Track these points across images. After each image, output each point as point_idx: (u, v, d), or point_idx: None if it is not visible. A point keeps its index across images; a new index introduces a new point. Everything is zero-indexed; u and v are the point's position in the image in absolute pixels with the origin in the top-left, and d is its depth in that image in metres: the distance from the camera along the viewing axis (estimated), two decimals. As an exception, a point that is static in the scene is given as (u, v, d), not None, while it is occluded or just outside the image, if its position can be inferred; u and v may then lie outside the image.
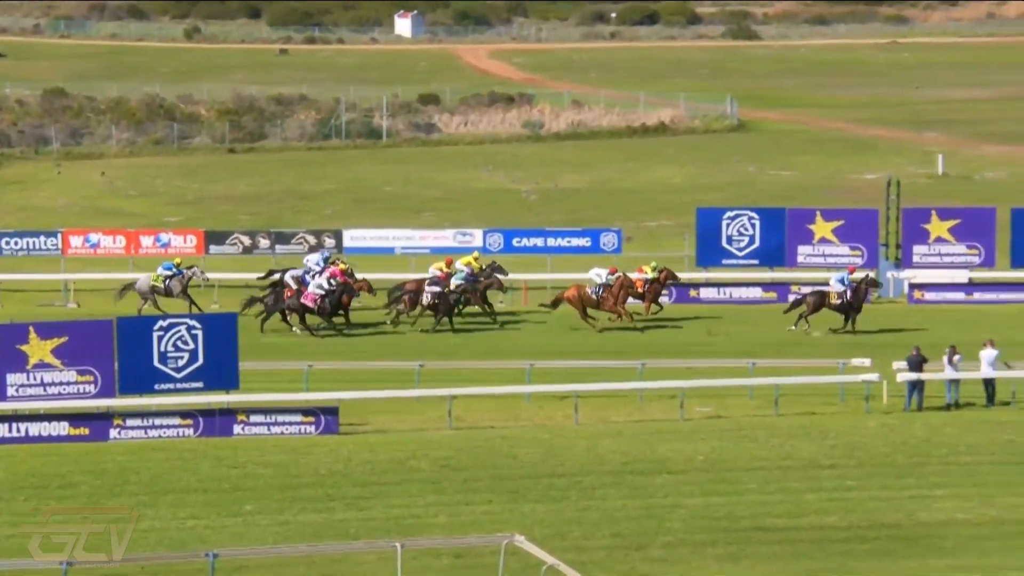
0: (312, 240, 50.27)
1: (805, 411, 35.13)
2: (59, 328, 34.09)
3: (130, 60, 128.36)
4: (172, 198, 68.25)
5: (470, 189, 70.41)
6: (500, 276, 44.84)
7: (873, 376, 35.55)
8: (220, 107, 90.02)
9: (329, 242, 50.09)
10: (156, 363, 33.53)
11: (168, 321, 34.04)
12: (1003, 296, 45.69)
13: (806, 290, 43.98)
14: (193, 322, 33.99)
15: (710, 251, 47.35)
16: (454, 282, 43.38)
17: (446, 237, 50.78)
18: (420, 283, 43.72)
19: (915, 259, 47.03)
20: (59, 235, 50.93)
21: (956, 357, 35.39)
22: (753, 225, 47.59)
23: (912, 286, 46.75)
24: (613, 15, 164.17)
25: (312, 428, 33.64)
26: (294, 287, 43.20)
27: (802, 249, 47.30)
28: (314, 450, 32.08)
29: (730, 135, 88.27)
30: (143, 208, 65.12)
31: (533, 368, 36.87)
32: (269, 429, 33.59)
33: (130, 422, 33.30)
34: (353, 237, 50.47)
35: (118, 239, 50.77)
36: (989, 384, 35.60)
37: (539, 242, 49.97)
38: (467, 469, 30.62)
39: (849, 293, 43.00)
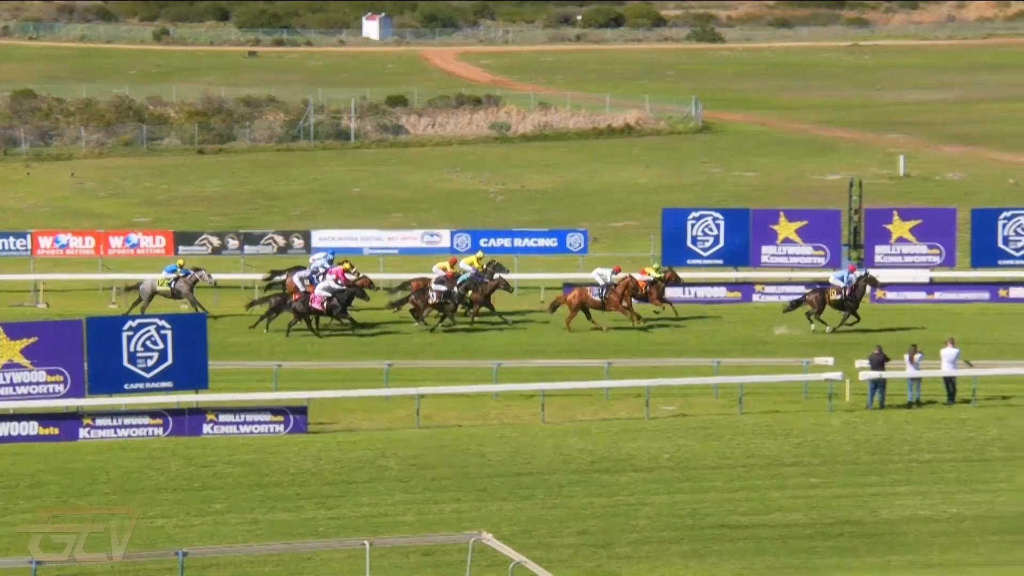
0: (281, 241, 50.41)
1: (769, 409, 35.33)
2: (28, 328, 34.14)
3: (99, 62, 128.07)
4: (141, 199, 68.25)
5: (438, 190, 70.59)
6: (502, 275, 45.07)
7: (836, 375, 35.77)
8: (189, 109, 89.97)
9: (298, 243, 50.28)
10: (126, 363, 33.60)
11: (137, 321, 34.13)
12: (963, 295, 46.04)
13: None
14: (162, 322, 34.03)
15: (675, 251, 47.60)
16: (460, 280, 43.68)
17: (414, 238, 50.96)
18: (425, 281, 44.01)
19: (877, 259, 47.31)
20: (28, 236, 50.95)
21: (917, 356, 35.66)
22: (718, 225, 47.90)
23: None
24: (579, 18, 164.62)
25: (281, 427, 33.77)
26: (302, 289, 43.33)
27: (766, 249, 47.59)
28: (283, 449, 32.19)
29: (695, 136, 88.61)
30: (112, 209, 65.13)
31: (500, 367, 37.02)
32: (238, 428, 33.68)
33: (100, 422, 33.37)
34: (322, 238, 50.59)
35: (87, 240, 50.81)
36: (950, 382, 35.89)
37: (506, 242, 50.16)
38: (435, 468, 30.79)
39: (848, 291, 43.29)
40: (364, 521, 27.49)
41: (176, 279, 44.99)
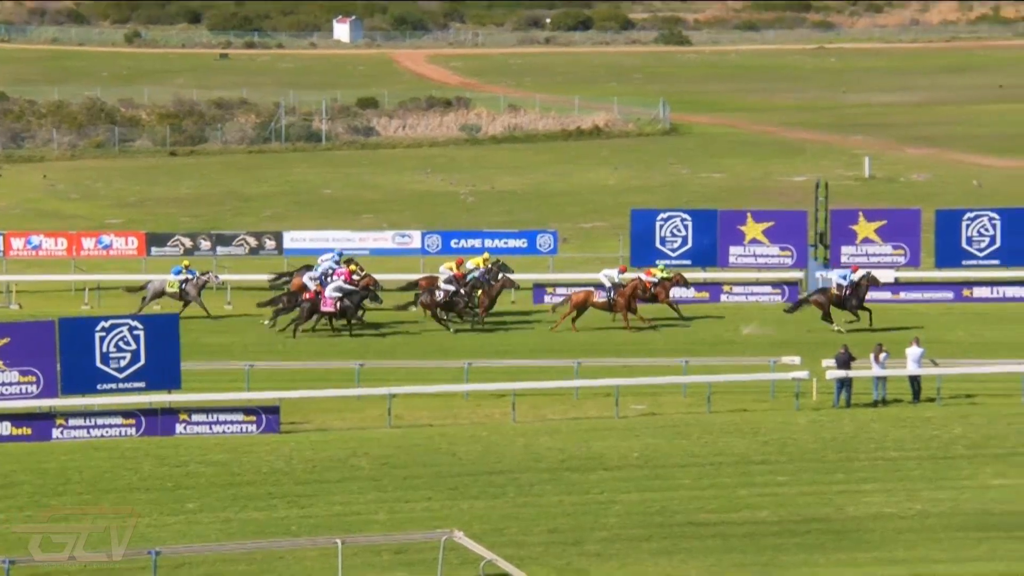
0: (253, 242, 50.56)
1: (737, 408, 35.55)
2: (1, 329, 34.20)
3: (71, 64, 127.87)
4: (113, 200, 68.29)
5: (409, 191, 70.77)
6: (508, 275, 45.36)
7: (803, 374, 35.98)
8: (161, 111, 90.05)
9: (270, 244, 50.46)
10: (98, 363, 33.72)
11: (110, 322, 34.20)
12: (928, 295, 46.40)
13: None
14: (135, 323, 34.18)
15: (644, 252, 47.90)
16: (468, 279, 43.93)
17: (385, 239, 51.15)
18: (433, 280, 44.20)
19: (843, 259, 47.56)
20: (1, 237, 50.96)
21: (883, 355, 35.90)
22: (686, 226, 48.22)
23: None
24: (548, 21, 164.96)
25: (254, 427, 33.92)
26: (312, 288, 43.49)
27: (733, 250, 47.91)
28: (256, 449, 32.31)
29: (663, 138, 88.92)
30: (85, 210, 65.16)
31: (471, 367, 37.19)
32: (211, 428, 33.80)
33: (72, 422, 33.47)
34: (293, 239, 50.76)
35: (60, 241, 50.89)
36: (915, 381, 36.12)
37: (476, 243, 50.36)
38: (407, 467, 30.92)
39: (849, 290, 43.57)
40: (336, 520, 27.61)
41: (185, 281, 45.15)
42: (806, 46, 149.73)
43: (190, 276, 45.27)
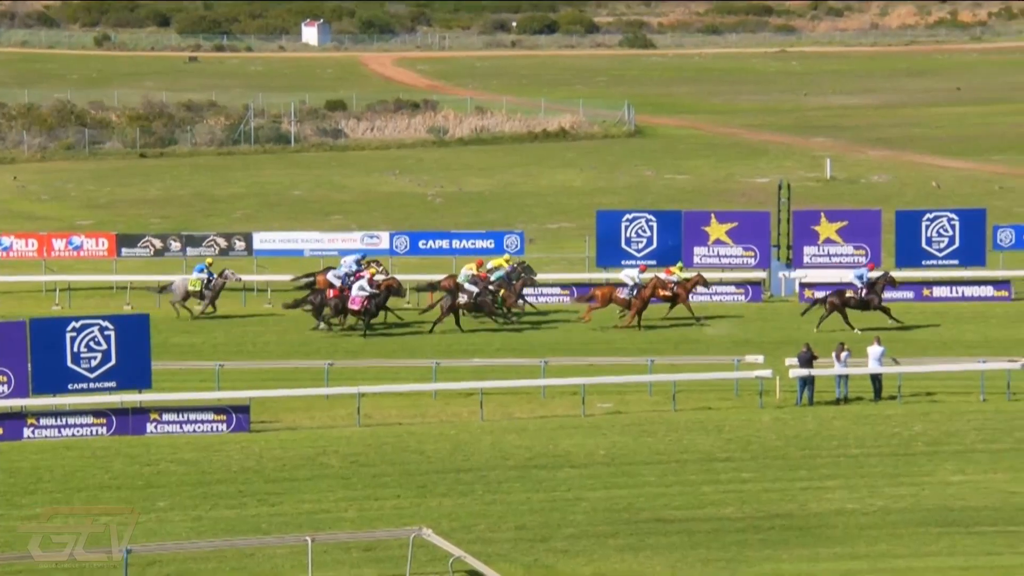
0: (223, 243, 50.67)
1: (702, 406, 35.76)
2: (-27, 330, 34.37)
3: (41, 67, 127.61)
4: (84, 202, 68.29)
5: (377, 193, 70.94)
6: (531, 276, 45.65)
7: (766, 372, 36.24)
8: (131, 113, 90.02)
9: (239, 245, 50.62)
10: (69, 363, 33.76)
11: (81, 322, 34.29)
12: (889, 295, 46.83)
13: (819, 292, 44.82)
14: (106, 323, 34.24)
15: (610, 252, 48.17)
16: (493, 278, 44.18)
17: (354, 239, 51.31)
18: (455, 280, 44.48)
19: (805, 259, 47.95)
20: (-28, 239, 51.10)
21: (844, 354, 36.18)
22: (651, 227, 48.54)
23: (803, 285, 47.43)
24: (514, 24, 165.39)
25: (224, 426, 34.03)
26: (337, 285, 43.68)
27: (697, 250, 48.21)
28: (226, 447, 32.45)
29: (628, 140, 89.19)
30: (55, 212, 65.16)
31: (439, 367, 37.37)
32: (181, 427, 33.91)
33: (43, 421, 33.53)
34: (263, 240, 50.88)
35: (31, 242, 50.89)
36: (876, 379, 36.37)
37: (444, 244, 50.57)
38: (376, 465, 31.11)
39: (865, 291, 43.80)
40: (306, 517, 27.76)
41: (209, 280, 45.34)
42: (768, 49, 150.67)
43: (211, 276, 45.47)
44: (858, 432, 33.26)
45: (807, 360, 36.01)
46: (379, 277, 44.03)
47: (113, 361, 34.02)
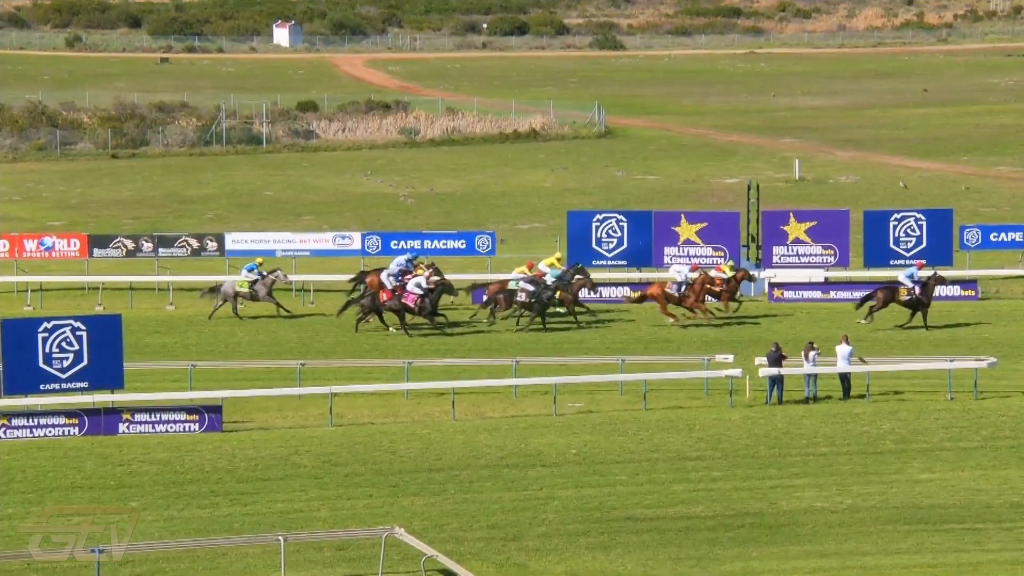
0: (195, 244, 50.71)
1: (672, 405, 35.93)
2: (-55, 331, 34.34)
3: (12, 68, 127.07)
4: (55, 203, 68.20)
5: (348, 193, 71.01)
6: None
7: (736, 371, 36.40)
8: (102, 114, 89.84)
9: (211, 245, 50.65)
10: (41, 364, 33.76)
11: (53, 323, 34.33)
12: (857, 294, 46.81)
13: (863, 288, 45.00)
14: (78, 324, 34.24)
15: (581, 252, 48.27)
16: (549, 279, 44.29)
17: (326, 240, 51.41)
18: (505, 283, 44.61)
19: (774, 259, 48.14)
20: (-57, 240, 50.98)
21: (813, 353, 36.37)
22: (621, 227, 48.71)
23: (772, 285, 47.58)
24: (484, 26, 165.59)
25: (196, 426, 34.11)
26: (389, 286, 43.72)
27: (668, 250, 48.35)
28: (198, 447, 32.54)
29: (598, 141, 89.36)
30: (27, 213, 65.04)
31: (411, 366, 37.48)
32: (154, 427, 33.97)
33: (15, 422, 33.54)
34: (235, 240, 50.90)
35: (2, 243, 50.75)
36: (845, 378, 36.58)
37: (416, 244, 50.62)
38: (348, 464, 31.24)
39: (918, 289, 43.83)
40: (279, 517, 27.88)
41: (255, 281, 45.39)
42: (737, 51, 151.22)
43: (259, 276, 45.55)
44: (827, 431, 33.49)
45: (776, 359, 36.23)
46: (434, 278, 44.24)
47: (85, 361, 34.05)
